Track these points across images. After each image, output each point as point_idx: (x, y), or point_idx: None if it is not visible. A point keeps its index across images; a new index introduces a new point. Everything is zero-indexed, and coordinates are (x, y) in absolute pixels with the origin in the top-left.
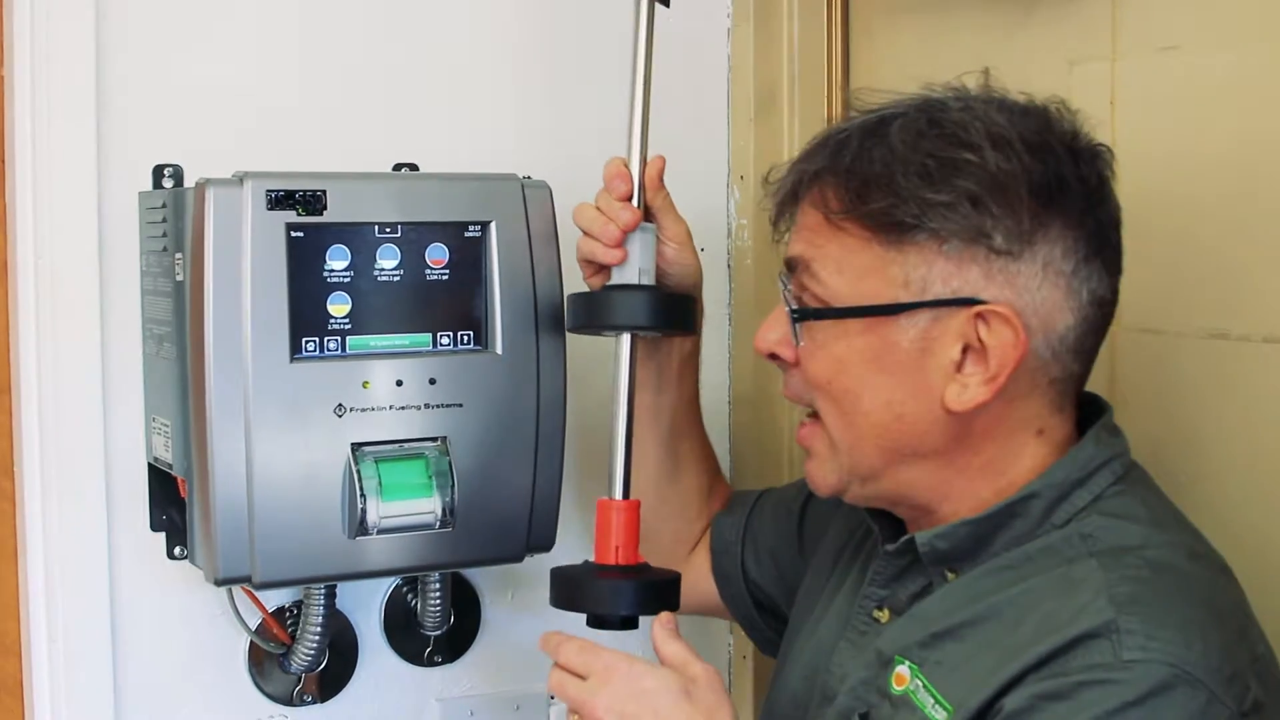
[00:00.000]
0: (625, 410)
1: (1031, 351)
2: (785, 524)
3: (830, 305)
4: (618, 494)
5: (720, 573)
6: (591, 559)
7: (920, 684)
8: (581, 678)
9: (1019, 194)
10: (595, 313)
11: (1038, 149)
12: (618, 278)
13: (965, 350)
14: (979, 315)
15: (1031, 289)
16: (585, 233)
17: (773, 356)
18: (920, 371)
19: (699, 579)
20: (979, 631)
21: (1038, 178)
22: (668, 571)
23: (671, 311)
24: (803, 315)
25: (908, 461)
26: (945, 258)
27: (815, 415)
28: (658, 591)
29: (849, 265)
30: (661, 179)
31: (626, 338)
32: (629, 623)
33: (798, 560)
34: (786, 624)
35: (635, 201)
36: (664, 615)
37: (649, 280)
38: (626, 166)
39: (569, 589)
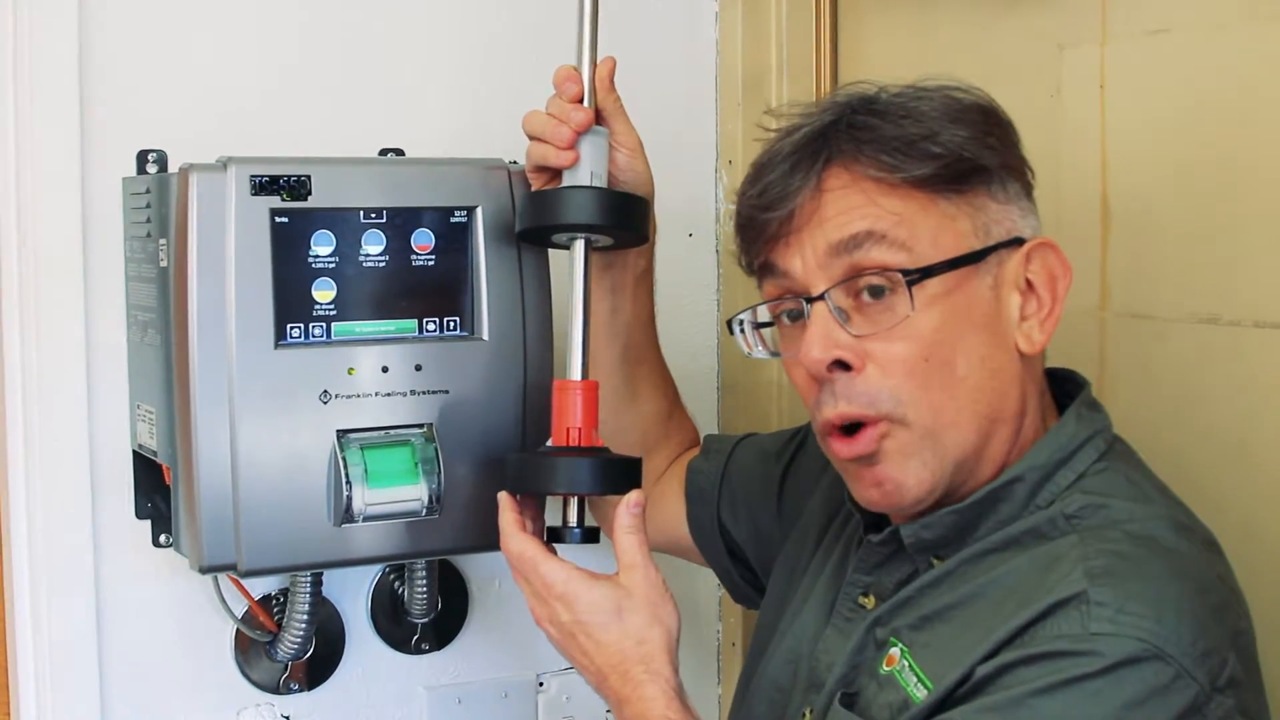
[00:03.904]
0: (582, 304)
1: None
2: (765, 485)
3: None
4: (575, 375)
5: (695, 522)
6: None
7: (907, 664)
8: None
9: (1014, 135)
10: (546, 211)
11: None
12: (569, 181)
13: (1019, 292)
14: (1027, 253)
15: (1037, 226)
16: (535, 138)
17: (833, 367)
18: (998, 320)
19: (670, 521)
20: (964, 613)
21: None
22: (629, 456)
23: (625, 211)
24: (926, 273)
25: (994, 431)
26: (994, 200)
27: (874, 420)
28: (617, 471)
29: (921, 226)
30: (612, 80)
31: (580, 245)
32: (590, 535)
33: (775, 522)
34: (757, 575)
35: (586, 104)
36: (633, 497)
37: (600, 184)
38: (576, 70)
39: (523, 470)
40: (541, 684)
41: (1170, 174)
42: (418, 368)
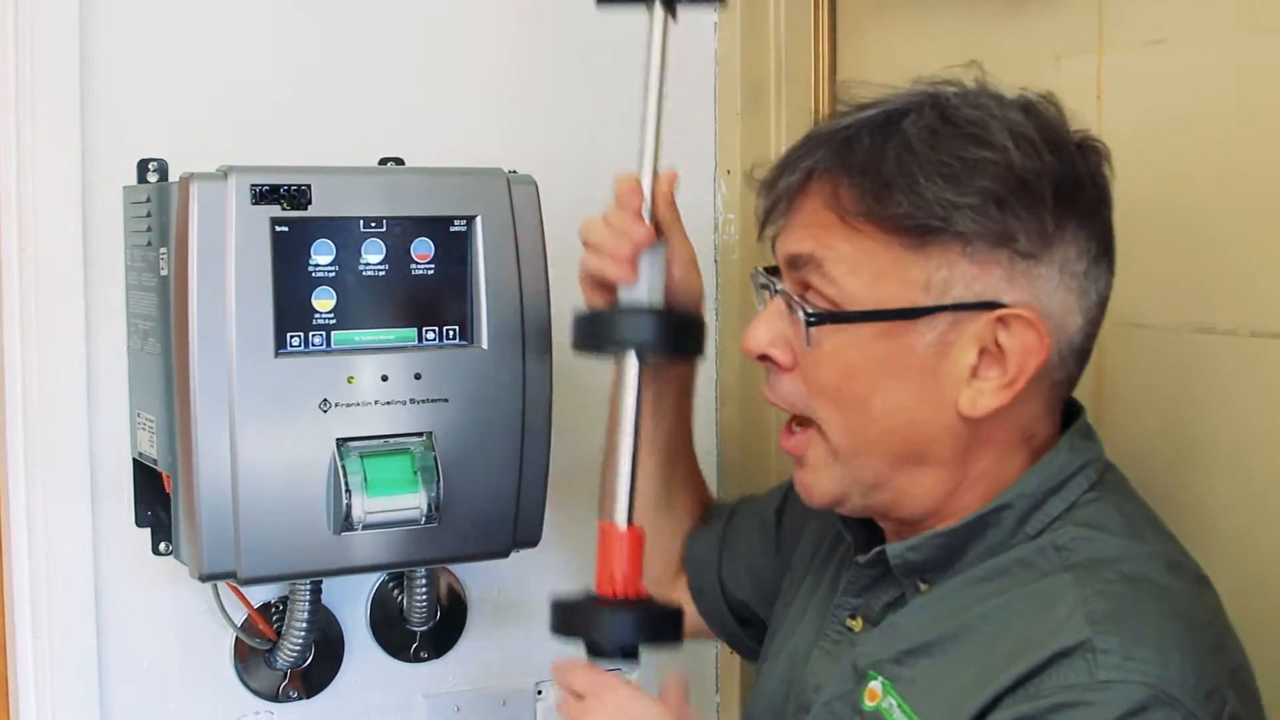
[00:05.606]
0: (632, 434)
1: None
2: (761, 534)
3: (843, 307)
4: (621, 521)
5: (696, 587)
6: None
7: (894, 702)
8: (581, 698)
9: (1042, 194)
10: (608, 332)
11: (1056, 147)
12: (625, 296)
13: (981, 354)
14: (1000, 319)
15: (1049, 291)
16: (594, 248)
17: (763, 358)
18: (935, 376)
19: (674, 596)
20: (954, 649)
21: (1058, 177)
22: (671, 605)
23: (686, 335)
24: (820, 319)
25: (913, 469)
26: (968, 260)
27: (804, 422)
28: (659, 623)
29: (865, 267)
30: (673, 195)
31: (634, 365)
32: (629, 653)
33: (776, 568)
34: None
35: (646, 218)
36: (673, 679)
37: (658, 299)
38: (639, 181)
39: (567, 616)
40: (540, 692)
41: (1166, 183)
42: (417, 376)
